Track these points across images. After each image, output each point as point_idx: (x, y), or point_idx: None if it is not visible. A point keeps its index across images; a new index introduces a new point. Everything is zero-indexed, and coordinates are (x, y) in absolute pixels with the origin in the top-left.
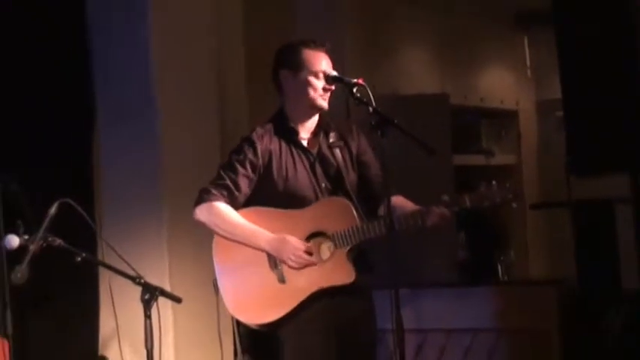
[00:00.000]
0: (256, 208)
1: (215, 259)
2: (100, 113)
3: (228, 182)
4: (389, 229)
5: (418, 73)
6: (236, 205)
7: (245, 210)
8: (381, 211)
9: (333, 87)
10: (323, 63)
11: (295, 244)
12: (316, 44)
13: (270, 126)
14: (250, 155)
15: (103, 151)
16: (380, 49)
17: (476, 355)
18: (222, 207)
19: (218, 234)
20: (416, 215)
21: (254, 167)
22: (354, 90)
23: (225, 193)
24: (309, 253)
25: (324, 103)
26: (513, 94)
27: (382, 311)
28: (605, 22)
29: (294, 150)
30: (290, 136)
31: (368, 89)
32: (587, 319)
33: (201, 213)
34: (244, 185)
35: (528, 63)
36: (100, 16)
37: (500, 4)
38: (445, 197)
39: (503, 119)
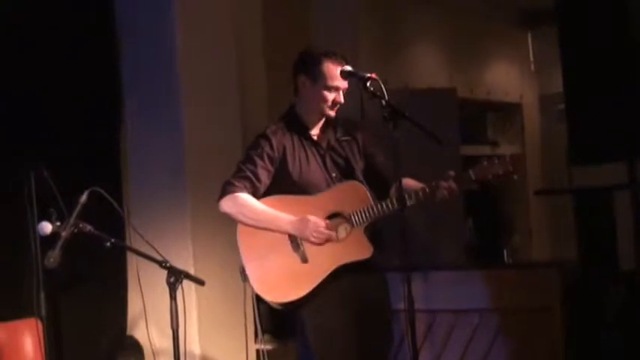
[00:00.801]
0: (275, 196)
1: (240, 247)
2: (127, 106)
3: (249, 174)
4: (401, 205)
5: (428, 68)
6: (257, 196)
7: (265, 199)
8: (392, 192)
9: (342, 100)
10: (338, 78)
11: (316, 221)
12: (337, 57)
13: (282, 123)
14: (267, 149)
15: (130, 142)
16: (392, 46)
17: (483, 333)
18: (245, 197)
19: (243, 222)
20: (425, 189)
21: (271, 160)
22: (368, 84)
23: (247, 184)
24: (328, 227)
25: (332, 113)
26: (517, 88)
27: (394, 292)
28: (604, 22)
29: (305, 144)
30: (301, 132)
31: (381, 83)
32: (588, 298)
33: (227, 204)
34: (264, 177)
35: (531, 59)
36: (128, 11)
37: (505, 4)
38: (451, 172)
39: (508, 112)
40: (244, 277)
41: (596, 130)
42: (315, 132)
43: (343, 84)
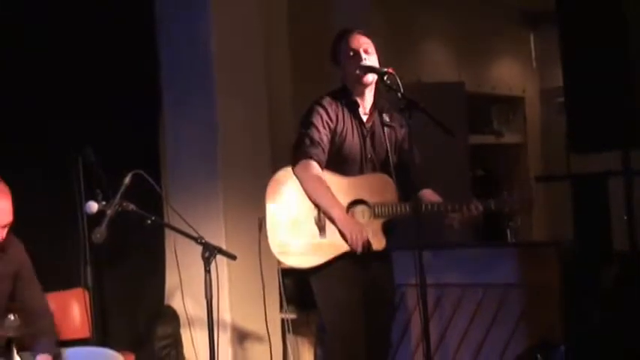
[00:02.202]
0: (325, 171)
1: (267, 203)
2: (165, 99)
3: (317, 139)
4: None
5: (438, 64)
6: (324, 159)
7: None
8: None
9: (365, 61)
10: (354, 43)
11: (360, 226)
12: (343, 32)
13: (336, 95)
14: (326, 117)
15: (168, 131)
16: (406, 44)
17: (487, 306)
18: (315, 169)
19: (304, 190)
20: (449, 205)
21: (329, 127)
22: (385, 78)
23: (318, 149)
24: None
25: (366, 78)
26: (520, 83)
27: (406, 268)
28: (601, 22)
29: (353, 120)
30: (352, 108)
31: (397, 77)
32: (584, 276)
33: (300, 169)
34: (327, 140)
35: (533, 56)
36: (167, 8)
37: (510, 5)
38: (475, 202)
39: (512, 104)
40: (260, 227)
41: (592, 121)
42: (363, 112)
43: (362, 41)
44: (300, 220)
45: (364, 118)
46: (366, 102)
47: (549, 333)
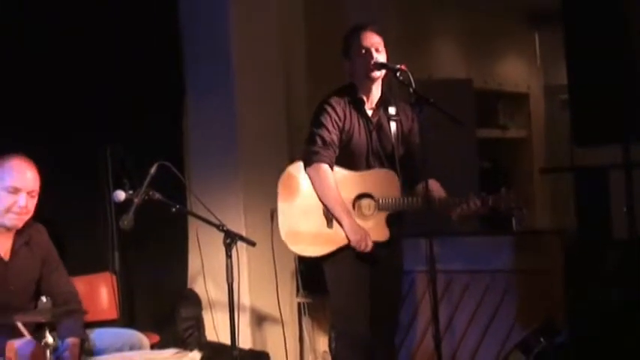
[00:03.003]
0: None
1: (279, 196)
2: (189, 95)
3: (328, 139)
4: (426, 207)
5: (448, 61)
6: (334, 159)
7: None
8: (419, 189)
9: (377, 58)
10: (366, 39)
11: (366, 235)
12: (358, 27)
13: (341, 94)
14: (334, 116)
15: (190, 123)
16: (417, 42)
17: (494, 291)
18: (328, 173)
19: (315, 190)
20: (449, 201)
21: (338, 125)
22: (398, 74)
23: (329, 150)
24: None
25: (376, 73)
26: (525, 80)
27: (418, 254)
28: (603, 23)
29: (359, 116)
30: (358, 105)
31: (409, 73)
32: (585, 263)
33: (312, 171)
34: (337, 139)
35: (538, 54)
36: (190, 8)
37: (516, 6)
38: (474, 198)
39: (517, 100)
40: (272, 218)
41: (594, 116)
42: (369, 107)
43: (373, 41)
44: (310, 211)
45: (369, 112)
46: (373, 97)
47: (552, 317)
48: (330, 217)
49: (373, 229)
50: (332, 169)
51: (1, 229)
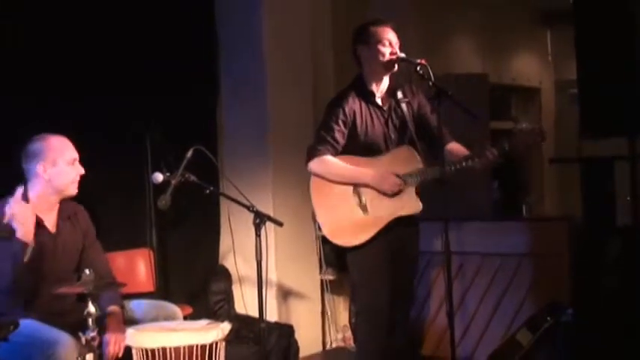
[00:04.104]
0: (345, 156)
1: (313, 199)
2: (223, 83)
3: (330, 139)
4: (444, 172)
5: (465, 57)
6: (335, 156)
7: (337, 157)
8: (446, 151)
9: (398, 53)
10: (387, 33)
11: (393, 177)
12: (381, 21)
13: (351, 90)
14: (341, 115)
15: (224, 111)
16: (436, 39)
17: (504, 273)
18: (330, 159)
19: (329, 179)
20: (469, 158)
21: (345, 124)
22: (418, 68)
23: (329, 147)
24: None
25: (392, 65)
26: (537, 75)
27: (433, 238)
28: (611, 21)
29: (371, 108)
30: (368, 98)
31: (429, 68)
32: (591, 248)
33: (315, 166)
34: (340, 138)
35: (549, 51)
36: (226, 6)
37: (529, 5)
38: (489, 145)
39: (529, 94)
40: (314, 220)
41: (602, 110)
42: (379, 96)
43: (393, 37)
44: (344, 205)
45: (379, 102)
46: (382, 86)
47: (558, 297)
48: (364, 205)
49: (406, 205)
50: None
51: (47, 204)
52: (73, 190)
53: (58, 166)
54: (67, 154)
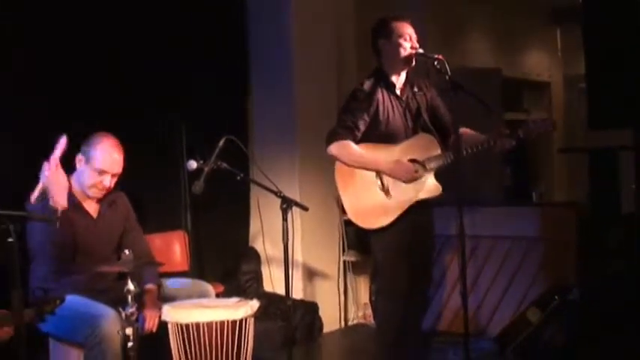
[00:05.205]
0: (366, 144)
1: (338, 184)
2: (253, 77)
3: (350, 124)
4: (459, 156)
5: (479, 52)
6: (356, 141)
7: (360, 145)
8: (451, 140)
9: (417, 48)
10: (408, 28)
11: (407, 164)
12: (401, 16)
13: (373, 80)
14: (365, 102)
15: (255, 104)
16: (452, 35)
17: (514, 255)
18: (349, 143)
19: (347, 163)
20: (486, 141)
21: (367, 112)
22: (435, 63)
23: (349, 133)
24: (416, 171)
25: (412, 58)
26: (547, 70)
27: (447, 221)
28: (619, 21)
29: (392, 98)
30: (389, 88)
31: (445, 63)
32: (597, 233)
33: (335, 149)
34: (362, 125)
35: (559, 47)
36: (256, 6)
37: (541, 3)
38: (506, 130)
39: (540, 88)
40: (339, 204)
41: (609, 102)
42: (398, 87)
43: (412, 32)
44: (368, 190)
45: (398, 92)
46: (401, 79)
47: (565, 279)
48: (386, 189)
49: (427, 188)
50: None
51: (82, 192)
52: (91, 193)
53: (88, 166)
54: (101, 162)
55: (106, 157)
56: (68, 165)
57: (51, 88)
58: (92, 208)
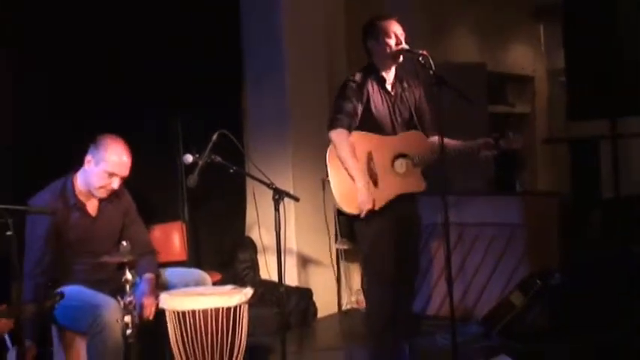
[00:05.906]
0: (360, 132)
1: (329, 170)
2: (247, 73)
3: (350, 109)
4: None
5: (464, 48)
6: (354, 126)
7: (354, 133)
8: (436, 140)
9: (402, 44)
10: (394, 26)
11: (370, 195)
12: (386, 15)
13: (364, 72)
14: (357, 91)
15: (248, 99)
16: (438, 31)
17: (498, 242)
18: (346, 137)
19: (338, 152)
20: (470, 149)
21: (361, 99)
22: (420, 58)
23: (349, 118)
24: (372, 207)
25: (399, 55)
26: (531, 64)
27: (434, 210)
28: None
29: (381, 91)
30: (380, 82)
31: (430, 58)
32: (578, 219)
33: (335, 135)
34: (358, 111)
35: (542, 42)
36: (248, 4)
37: (524, 1)
38: (490, 140)
39: (523, 81)
40: (324, 186)
41: (588, 95)
42: (389, 82)
43: (398, 29)
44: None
45: (389, 87)
46: (391, 75)
47: (548, 263)
48: (374, 179)
49: (413, 182)
50: (349, 133)
51: (86, 191)
52: (98, 194)
53: (97, 167)
54: (112, 166)
55: (116, 160)
56: (72, 163)
57: (51, 87)
58: (93, 206)
